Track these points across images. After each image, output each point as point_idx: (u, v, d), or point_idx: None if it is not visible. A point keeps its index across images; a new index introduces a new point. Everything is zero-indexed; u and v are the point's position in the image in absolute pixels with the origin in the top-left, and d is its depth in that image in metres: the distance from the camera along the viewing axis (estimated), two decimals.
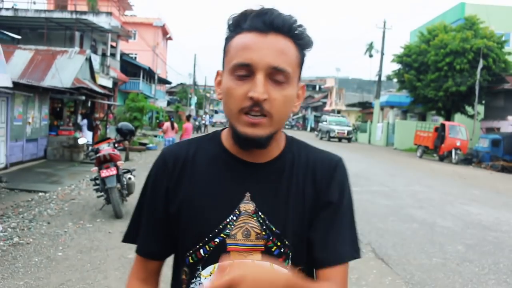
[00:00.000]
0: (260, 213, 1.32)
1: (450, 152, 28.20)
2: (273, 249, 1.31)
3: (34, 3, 31.44)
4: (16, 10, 26.03)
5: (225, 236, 1.30)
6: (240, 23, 1.30)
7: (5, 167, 14.15)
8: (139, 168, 15.76)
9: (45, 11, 27.68)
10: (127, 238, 1.48)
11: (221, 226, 1.30)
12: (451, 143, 28.15)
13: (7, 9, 25.83)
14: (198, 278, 1.31)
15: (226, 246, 1.29)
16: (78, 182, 12.90)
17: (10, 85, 8.62)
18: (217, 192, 1.33)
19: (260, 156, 1.35)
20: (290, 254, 1.33)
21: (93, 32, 28.43)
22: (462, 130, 28.74)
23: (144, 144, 25.45)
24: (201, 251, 1.30)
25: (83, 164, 16.42)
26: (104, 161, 8.97)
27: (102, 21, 27.69)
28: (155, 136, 31.75)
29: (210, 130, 43.64)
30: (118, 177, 9.02)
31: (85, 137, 15.29)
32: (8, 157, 14.46)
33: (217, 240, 1.30)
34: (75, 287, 5.37)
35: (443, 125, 29.47)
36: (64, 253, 6.69)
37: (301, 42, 1.32)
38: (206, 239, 1.30)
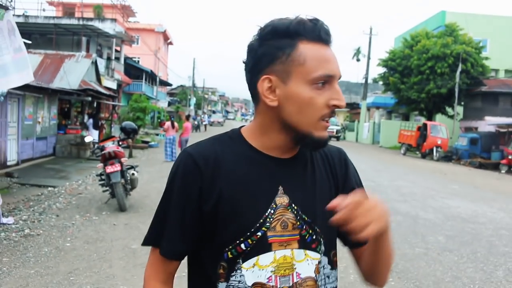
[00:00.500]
0: (293, 205, 1.32)
1: (432, 150, 28.30)
2: (306, 237, 1.32)
3: (44, 10, 31.36)
4: (26, 17, 25.89)
5: (266, 229, 1.29)
6: (300, 32, 1.27)
7: (16, 163, 14.11)
8: (142, 164, 15.76)
9: (54, 17, 27.54)
10: (149, 241, 1.39)
11: (261, 220, 1.29)
12: (432, 142, 28.24)
13: (18, 15, 25.65)
14: (238, 271, 1.29)
15: (267, 238, 1.29)
16: (85, 177, 12.88)
17: (32, 79, 8.55)
18: (253, 188, 1.31)
19: (285, 153, 1.36)
20: (322, 240, 1.35)
21: (98, 37, 28.33)
22: (443, 129, 28.83)
23: (147, 142, 25.42)
24: (242, 245, 1.28)
25: (90, 161, 16.38)
26: (109, 158, 8.96)
27: (107, 27, 27.60)
28: (157, 134, 31.71)
29: (208, 129, 43.48)
30: (122, 173, 9.01)
31: (91, 136, 15.28)
32: (20, 154, 14.42)
33: (259, 233, 1.28)
34: (82, 275, 5.36)
35: (425, 125, 29.55)
36: (72, 243, 6.68)
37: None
38: (248, 233, 1.28)
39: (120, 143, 9.86)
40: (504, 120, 28.14)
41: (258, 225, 1.28)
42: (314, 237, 1.34)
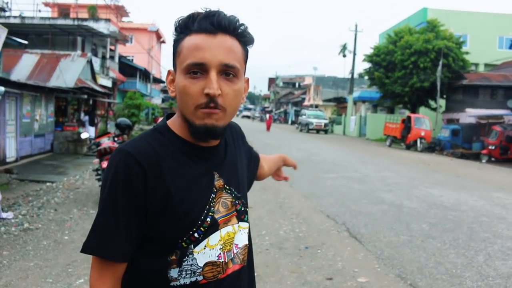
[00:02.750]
0: (226, 186, 1.39)
1: (416, 141, 28.41)
2: (240, 211, 1.42)
3: (40, 11, 31.09)
4: (23, 17, 25.66)
5: (212, 214, 1.32)
6: (189, 26, 1.28)
7: (15, 160, 14.03)
8: None
9: (49, 18, 27.33)
10: (92, 248, 1.27)
11: (207, 207, 1.32)
12: (416, 133, 28.35)
13: (15, 17, 25.43)
14: (190, 256, 1.29)
15: (217, 221, 1.33)
16: (82, 172, 12.82)
17: None
18: (195, 181, 1.32)
19: (211, 141, 1.37)
20: (247, 209, 1.48)
21: (93, 37, 28.13)
22: (426, 121, 28.95)
23: None
24: (195, 234, 1.29)
25: (86, 157, 16.30)
26: (104, 153, 8.93)
27: (101, 27, 27.42)
28: None
29: None
30: None
31: (87, 132, 15.19)
32: (18, 151, 14.33)
33: (208, 219, 1.31)
34: (80, 267, 5.35)
35: (409, 117, 29.66)
36: (70, 236, 6.66)
37: (245, 39, 1.33)
38: (199, 222, 1.30)
39: (116, 139, 9.81)
40: (484, 111, 28.34)
41: (205, 212, 1.31)
42: (243, 208, 1.43)
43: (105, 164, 8.70)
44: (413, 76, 31.92)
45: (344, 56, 66.03)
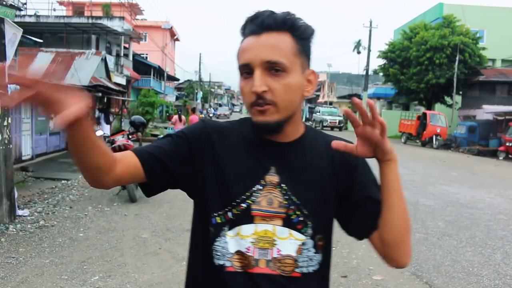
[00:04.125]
0: (283, 185, 1.35)
1: (431, 138, 28.21)
2: (292, 217, 1.34)
3: (54, 10, 31.37)
4: (38, 16, 25.90)
5: (251, 202, 1.33)
6: (244, 31, 1.36)
7: (31, 158, 14.17)
8: None
9: (64, 17, 27.54)
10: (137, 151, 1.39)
11: (248, 193, 1.33)
12: (432, 130, 28.15)
13: (30, 15, 25.65)
14: (223, 237, 1.34)
15: (251, 211, 1.33)
16: None
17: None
18: (247, 164, 1.37)
19: (283, 137, 1.38)
20: (309, 223, 1.35)
21: (107, 35, 28.32)
22: (442, 118, 28.73)
23: (156, 135, 25.41)
24: (229, 213, 1.33)
25: None
26: (119, 151, 8.93)
27: (115, 25, 27.56)
28: (165, 128, 31.66)
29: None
30: None
31: (102, 130, 15.28)
32: (34, 149, 14.47)
33: (243, 205, 1.33)
34: (95, 264, 5.39)
35: (424, 114, 29.47)
36: (85, 234, 6.71)
37: (297, 33, 1.33)
38: (234, 203, 1.33)
39: (130, 136, 9.86)
40: (501, 108, 27.99)
41: (244, 197, 1.33)
42: (301, 218, 1.35)
43: None
44: (429, 72, 31.66)
45: (359, 52, 65.68)
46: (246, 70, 1.31)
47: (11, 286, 4.70)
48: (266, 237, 1.33)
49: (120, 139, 9.30)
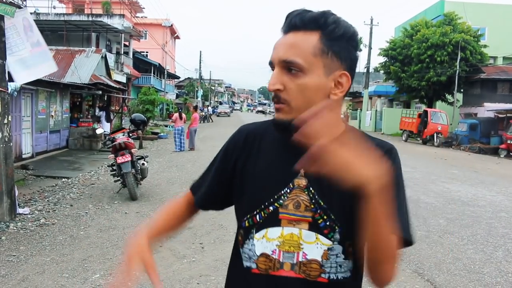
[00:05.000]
0: (311, 188, 1.33)
1: (432, 136, 28.19)
2: (319, 221, 1.31)
3: (54, 7, 31.24)
4: (38, 14, 25.90)
5: (278, 206, 1.33)
6: (281, 30, 1.37)
7: (31, 156, 14.18)
8: (152, 155, 15.81)
9: (64, 14, 27.53)
10: (191, 187, 1.62)
11: (276, 197, 1.34)
12: (433, 128, 28.12)
13: (30, 13, 25.68)
14: (251, 240, 1.36)
15: (278, 214, 1.33)
16: (97, 168, 12.92)
17: (56, 68, 8.92)
18: (276, 168, 1.37)
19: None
20: (337, 228, 1.31)
21: (107, 33, 28.30)
22: (443, 116, 28.69)
23: (156, 133, 25.44)
24: (257, 216, 1.35)
25: (101, 152, 16.41)
26: (119, 149, 8.98)
27: (115, 22, 27.57)
28: (166, 126, 31.71)
29: (215, 119, 43.51)
30: (133, 163, 9.02)
31: (102, 128, 15.30)
32: (34, 147, 14.49)
33: (271, 208, 1.34)
34: (96, 262, 5.40)
35: (425, 112, 29.42)
36: (86, 232, 6.71)
37: (326, 32, 1.30)
38: (262, 206, 1.35)
39: (130, 134, 9.86)
40: (503, 106, 27.97)
41: (271, 200, 1.34)
42: (328, 223, 1.31)
43: (120, 160, 8.75)
44: (430, 70, 31.60)
45: (360, 50, 65.58)
46: (271, 68, 1.34)
47: (12, 284, 4.71)
48: (292, 240, 1.32)
49: (120, 137, 9.29)
